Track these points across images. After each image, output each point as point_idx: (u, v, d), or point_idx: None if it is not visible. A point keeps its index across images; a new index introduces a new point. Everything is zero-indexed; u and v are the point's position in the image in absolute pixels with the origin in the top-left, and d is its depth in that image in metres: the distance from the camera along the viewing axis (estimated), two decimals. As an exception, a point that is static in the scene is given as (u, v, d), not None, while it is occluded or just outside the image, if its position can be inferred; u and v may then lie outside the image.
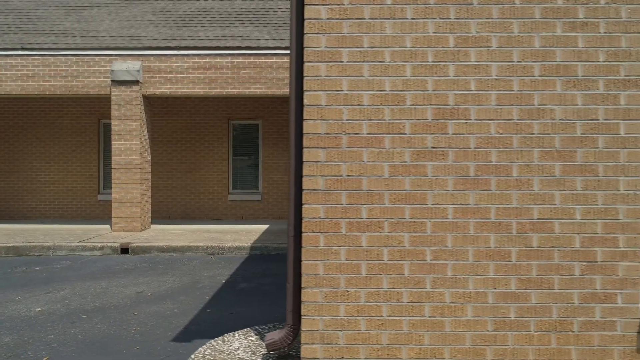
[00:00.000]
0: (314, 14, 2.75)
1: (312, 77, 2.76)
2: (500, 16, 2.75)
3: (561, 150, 2.76)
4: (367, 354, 2.78)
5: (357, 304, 2.78)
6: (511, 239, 2.77)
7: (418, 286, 2.77)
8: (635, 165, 2.76)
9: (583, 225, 2.76)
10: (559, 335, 2.78)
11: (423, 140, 2.76)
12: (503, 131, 2.76)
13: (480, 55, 2.75)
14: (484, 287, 2.77)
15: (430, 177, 2.76)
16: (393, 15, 2.75)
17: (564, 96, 2.75)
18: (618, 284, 2.77)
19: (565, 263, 2.77)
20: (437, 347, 2.78)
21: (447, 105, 2.76)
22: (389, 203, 2.77)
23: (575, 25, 2.75)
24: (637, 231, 2.76)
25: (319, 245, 2.77)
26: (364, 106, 2.76)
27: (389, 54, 2.76)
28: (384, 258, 2.77)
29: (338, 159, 2.76)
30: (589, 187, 2.76)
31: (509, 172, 2.76)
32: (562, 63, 2.75)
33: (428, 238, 2.77)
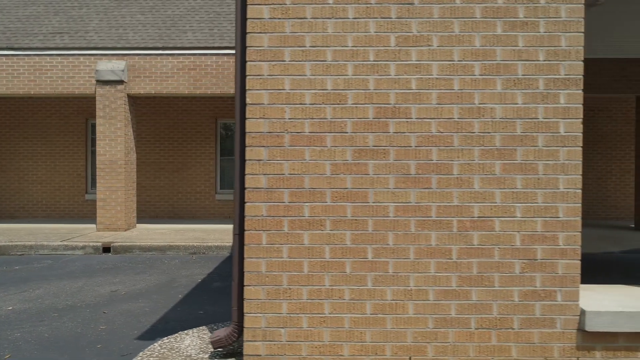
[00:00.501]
0: (256, 14, 2.77)
1: (255, 76, 2.78)
2: (441, 15, 2.77)
3: (502, 149, 2.78)
4: (309, 351, 2.80)
5: (299, 301, 2.80)
6: (452, 237, 2.79)
7: (359, 284, 2.80)
8: (574, 163, 2.77)
9: (523, 223, 2.78)
10: (500, 333, 2.80)
11: (364, 138, 2.78)
12: (444, 130, 2.78)
13: (421, 54, 2.77)
14: (424, 284, 2.79)
15: (371, 176, 2.78)
16: (335, 15, 2.77)
17: (505, 95, 2.77)
18: (558, 281, 2.79)
19: (505, 261, 2.79)
20: (378, 345, 2.80)
21: (388, 104, 2.78)
22: (331, 201, 2.79)
23: (516, 24, 2.77)
24: (577, 229, 2.78)
25: (262, 243, 2.79)
26: (306, 105, 2.78)
27: (331, 53, 2.78)
28: (325, 256, 2.79)
29: (280, 158, 2.79)
30: (529, 185, 2.78)
31: (450, 171, 2.78)
32: (502, 62, 2.77)
33: (369, 236, 2.79)
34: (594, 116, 11.77)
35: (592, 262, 7.19)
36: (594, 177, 11.78)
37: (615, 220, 11.66)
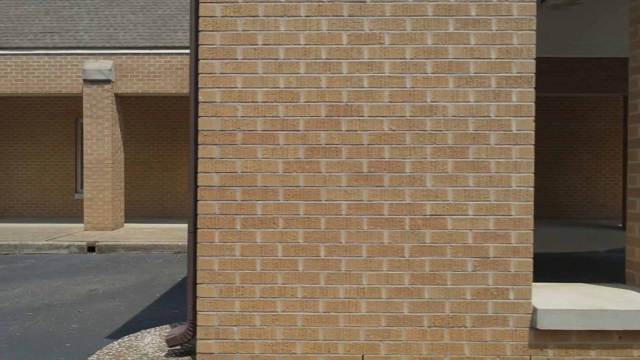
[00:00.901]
0: (208, 12, 2.77)
1: (207, 74, 2.78)
2: (393, 13, 2.77)
3: (454, 147, 2.78)
4: (262, 349, 2.80)
5: (252, 299, 2.80)
6: (404, 235, 2.79)
7: (312, 282, 2.79)
8: (526, 161, 2.77)
9: (475, 221, 2.78)
10: (452, 331, 2.80)
11: (317, 136, 2.78)
12: (396, 128, 2.78)
13: (374, 52, 2.77)
14: (377, 282, 2.79)
15: (324, 174, 2.78)
16: (287, 13, 2.77)
17: (457, 93, 2.77)
18: (510, 279, 2.79)
19: (458, 259, 2.78)
20: (331, 343, 2.80)
21: (340, 102, 2.78)
22: (284, 199, 2.79)
23: (467, 22, 2.76)
24: (529, 227, 2.78)
25: (214, 241, 2.79)
26: (258, 103, 2.78)
27: (283, 51, 2.78)
28: (278, 254, 2.79)
29: (233, 156, 2.79)
30: (481, 183, 2.78)
31: (402, 169, 2.78)
32: (454, 60, 2.77)
33: (322, 234, 2.79)
34: (584, 116, 11.76)
35: (577, 261, 7.18)
36: (584, 177, 11.77)
37: (605, 220, 11.65)
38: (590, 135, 11.76)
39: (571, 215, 11.76)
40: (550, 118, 11.72)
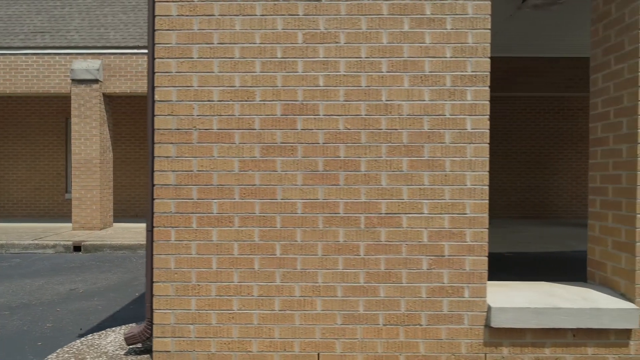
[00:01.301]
0: (164, 11, 2.78)
1: (163, 73, 2.79)
2: (348, 12, 2.77)
3: (409, 145, 2.78)
4: (218, 347, 2.81)
5: (208, 297, 2.81)
6: (360, 233, 2.79)
7: (268, 280, 2.80)
8: (481, 160, 2.78)
9: (431, 219, 2.79)
10: (407, 329, 2.80)
11: (272, 135, 2.79)
12: (351, 126, 2.78)
13: (329, 51, 2.78)
14: (333, 281, 2.80)
15: (279, 172, 2.79)
16: (242, 12, 2.78)
17: (412, 92, 2.78)
18: (465, 277, 2.79)
19: (413, 257, 2.79)
20: (287, 341, 2.81)
21: (296, 101, 2.78)
22: (239, 198, 2.80)
23: (423, 21, 2.77)
24: (484, 225, 2.78)
25: (170, 239, 2.80)
26: (214, 102, 2.79)
27: (239, 50, 2.78)
28: (234, 252, 2.80)
29: (189, 154, 2.79)
30: (436, 181, 2.78)
31: (357, 167, 2.78)
32: (409, 59, 2.78)
33: (278, 232, 2.80)
34: (573, 115, 11.76)
35: (558, 260, 7.18)
36: (573, 177, 11.77)
37: (594, 219, 11.63)
38: (580, 135, 11.76)
39: (561, 214, 11.76)
40: (540, 118, 11.72)
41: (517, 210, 11.71)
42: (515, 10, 5.20)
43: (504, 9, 5.21)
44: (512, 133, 11.70)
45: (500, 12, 5.92)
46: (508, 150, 11.70)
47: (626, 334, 2.78)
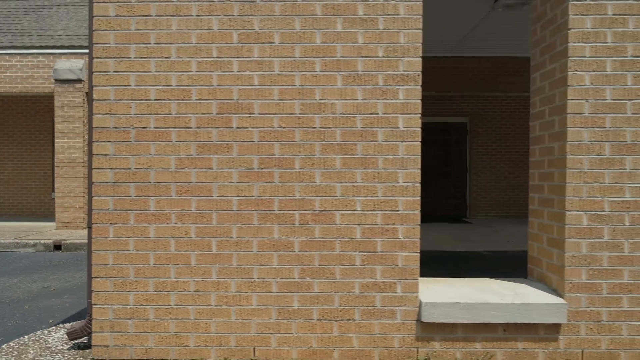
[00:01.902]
0: (102, 11, 2.83)
1: (101, 72, 2.84)
2: (283, 13, 2.82)
3: (342, 144, 2.83)
4: (155, 341, 2.86)
5: (146, 293, 2.86)
6: (294, 230, 2.84)
7: (204, 276, 2.85)
8: (413, 158, 2.83)
9: (364, 216, 2.84)
10: (341, 324, 2.85)
11: (208, 133, 2.84)
12: (285, 125, 2.83)
13: (263, 51, 2.83)
14: (268, 276, 2.85)
15: (215, 170, 2.84)
16: (179, 12, 2.83)
17: (345, 91, 2.83)
18: (398, 273, 2.84)
19: (346, 253, 2.84)
20: (223, 335, 2.86)
21: (231, 99, 2.83)
22: (176, 195, 2.85)
23: (355, 21, 2.82)
24: (416, 222, 2.83)
25: (109, 236, 2.85)
26: (151, 101, 2.84)
27: (175, 50, 2.83)
28: (171, 248, 2.85)
29: (126, 152, 2.84)
30: (369, 179, 2.83)
31: (292, 165, 2.83)
32: (342, 58, 2.83)
33: (214, 229, 2.85)
34: (557, 114, 11.78)
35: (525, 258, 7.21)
36: (557, 175, 11.79)
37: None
38: (564, 134, 11.78)
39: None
40: (524, 118, 11.76)
41: (500, 210, 11.75)
42: (489, 10, 5.24)
43: (479, 8, 5.26)
44: (496, 133, 11.75)
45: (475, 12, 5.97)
46: (492, 149, 11.74)
47: (555, 328, 2.83)
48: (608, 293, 2.82)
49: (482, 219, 11.41)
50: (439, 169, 12.02)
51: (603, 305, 2.83)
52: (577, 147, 2.80)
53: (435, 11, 5.65)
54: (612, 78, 2.79)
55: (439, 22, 6.32)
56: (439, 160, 11.97)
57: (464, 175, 12.02)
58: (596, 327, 2.83)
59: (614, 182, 2.80)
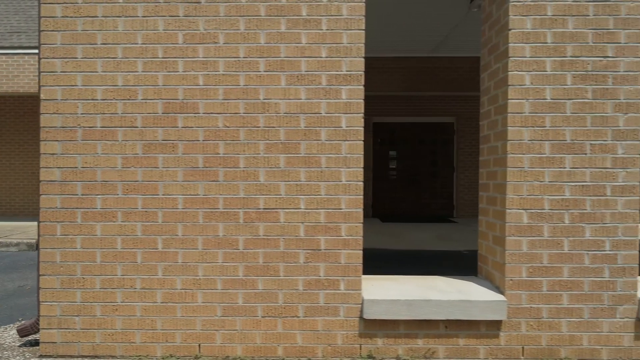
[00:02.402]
0: (49, 12, 2.87)
1: (48, 72, 2.87)
2: (227, 13, 2.86)
3: (286, 143, 2.87)
4: (102, 338, 2.90)
5: (93, 290, 2.90)
6: (239, 228, 2.88)
7: (150, 273, 2.89)
8: (356, 157, 2.86)
9: (307, 214, 2.87)
10: (285, 321, 2.89)
11: (154, 133, 2.88)
12: (230, 124, 2.87)
13: (208, 51, 2.87)
14: (213, 274, 2.89)
15: (161, 169, 2.88)
16: (125, 13, 2.87)
17: (288, 90, 2.86)
18: (341, 271, 2.88)
19: (290, 251, 2.88)
20: (169, 332, 2.89)
21: (176, 99, 2.87)
22: (122, 193, 2.88)
23: (299, 22, 2.85)
24: (359, 220, 2.87)
25: (56, 234, 2.89)
26: (97, 100, 2.87)
27: (121, 50, 2.87)
28: (117, 246, 2.89)
29: (73, 151, 2.88)
30: (312, 178, 2.87)
31: (236, 164, 2.87)
32: (286, 59, 2.86)
33: (159, 227, 2.88)
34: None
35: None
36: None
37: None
38: (550, 134, 11.81)
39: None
40: (510, 117, 11.78)
41: (487, 209, 11.77)
42: (467, 10, 5.28)
43: (458, 9, 5.29)
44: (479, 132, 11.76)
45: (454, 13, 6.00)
46: (476, 148, 11.77)
47: (496, 325, 2.87)
48: (548, 290, 2.86)
49: (468, 219, 11.44)
50: (427, 169, 12.05)
51: (543, 302, 2.86)
52: (518, 146, 2.84)
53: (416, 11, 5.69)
54: (552, 78, 2.83)
55: (418, 22, 6.36)
56: (426, 160, 12.00)
57: (451, 175, 12.05)
58: (536, 324, 2.87)
59: (554, 181, 2.84)
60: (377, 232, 9.11)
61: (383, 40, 7.57)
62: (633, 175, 2.83)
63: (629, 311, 2.85)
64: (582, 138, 2.83)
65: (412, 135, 11.95)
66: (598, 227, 2.84)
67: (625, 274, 2.85)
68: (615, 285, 2.85)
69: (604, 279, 2.85)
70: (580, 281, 2.85)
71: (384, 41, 7.66)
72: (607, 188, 2.83)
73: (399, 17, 6.17)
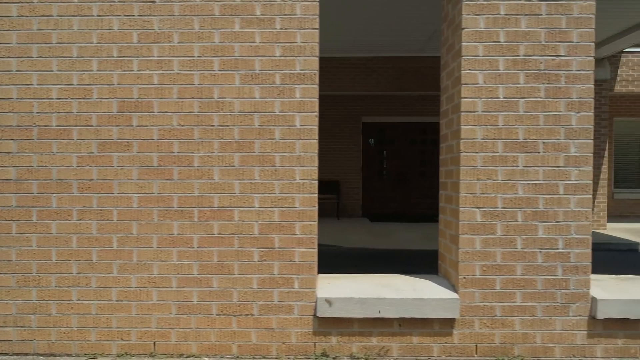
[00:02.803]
0: (4, 12, 2.88)
1: (4, 71, 2.89)
2: (182, 13, 2.87)
3: (240, 141, 2.88)
4: (58, 336, 2.91)
5: (48, 288, 2.91)
6: (193, 226, 2.89)
7: (105, 271, 2.90)
8: (310, 155, 2.87)
9: (261, 213, 2.88)
10: (240, 319, 2.90)
11: (109, 132, 2.89)
12: (184, 123, 2.88)
13: (163, 50, 2.88)
14: (167, 272, 2.90)
15: (116, 167, 2.89)
16: (80, 13, 2.88)
17: (243, 89, 2.87)
18: (295, 269, 2.89)
19: (244, 249, 2.89)
20: (124, 330, 2.90)
21: (131, 98, 2.88)
22: (78, 192, 2.89)
23: (253, 21, 2.87)
24: (313, 219, 2.88)
25: (12, 232, 2.90)
26: (53, 99, 2.88)
27: (77, 50, 2.88)
28: (73, 244, 2.90)
29: (29, 150, 2.89)
30: (266, 176, 2.88)
31: (191, 162, 2.88)
32: (240, 58, 2.87)
33: (114, 225, 2.89)
34: (532, 114, 11.83)
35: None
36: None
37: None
38: (539, 134, 11.82)
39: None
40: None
41: (475, 209, 11.78)
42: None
43: (439, 8, 5.30)
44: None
45: (437, 13, 6.01)
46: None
47: (450, 323, 2.88)
48: (501, 288, 2.87)
49: (457, 219, 11.45)
50: (416, 168, 12.06)
51: (497, 300, 2.87)
52: (471, 144, 2.85)
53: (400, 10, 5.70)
54: (505, 77, 2.84)
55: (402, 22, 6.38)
56: (416, 160, 12.01)
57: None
58: (490, 322, 2.88)
59: (507, 179, 2.85)
60: (365, 232, 9.13)
61: (370, 39, 7.59)
62: (586, 173, 2.84)
63: (581, 309, 2.86)
64: (535, 137, 2.84)
65: (401, 135, 11.97)
66: (551, 225, 2.85)
67: (578, 272, 2.86)
68: (569, 283, 2.86)
69: (557, 277, 2.86)
70: (533, 279, 2.86)
71: (370, 40, 7.68)
72: (560, 186, 2.84)
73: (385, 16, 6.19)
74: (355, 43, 7.98)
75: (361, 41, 7.82)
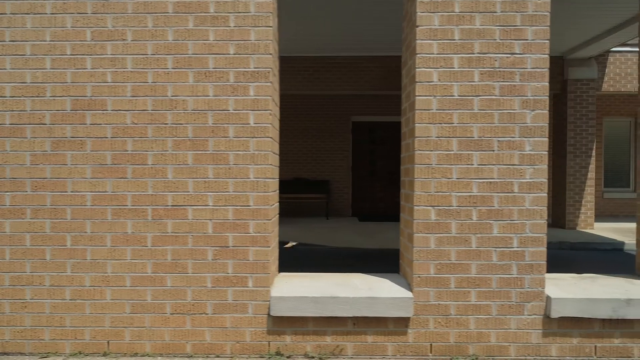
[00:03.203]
0: (-42, 10, 2.87)
1: (-43, 69, 2.88)
2: (135, 10, 2.86)
3: (194, 140, 2.87)
4: (12, 335, 2.90)
5: (2, 287, 2.89)
6: (147, 225, 2.88)
7: (59, 270, 2.89)
8: (264, 153, 2.86)
9: (215, 211, 2.87)
10: (194, 318, 2.89)
11: (62, 130, 2.88)
12: (138, 121, 2.87)
13: (116, 48, 2.87)
14: (121, 271, 2.88)
15: (69, 166, 2.88)
16: (33, 10, 2.87)
17: (196, 87, 2.86)
18: (249, 267, 2.87)
19: (198, 248, 2.88)
20: (78, 329, 2.89)
21: (85, 96, 2.87)
22: (31, 190, 2.88)
23: (207, 19, 2.85)
24: (267, 217, 2.87)
25: (-35, 231, 2.89)
26: (6, 98, 2.87)
27: (30, 48, 2.87)
28: (26, 243, 2.88)
29: (-18, 149, 2.88)
30: (220, 175, 2.86)
31: (145, 161, 2.87)
32: (194, 55, 2.86)
33: (68, 224, 2.88)
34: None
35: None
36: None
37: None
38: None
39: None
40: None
41: (465, 208, 11.76)
42: None
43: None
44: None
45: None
46: (457, 148, 11.76)
47: (404, 322, 2.86)
48: (456, 287, 2.86)
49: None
50: (406, 168, 12.04)
51: (451, 299, 2.86)
52: (425, 142, 2.84)
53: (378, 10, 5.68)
54: (460, 75, 2.83)
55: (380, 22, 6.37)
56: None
57: (430, 175, 12.00)
58: (444, 321, 2.86)
59: (462, 178, 2.84)
60: (353, 231, 9.11)
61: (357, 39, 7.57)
62: (540, 172, 2.83)
63: (536, 308, 2.85)
64: (490, 135, 2.83)
65: (391, 135, 11.95)
66: (506, 223, 2.84)
67: (533, 271, 2.84)
68: (523, 282, 2.85)
69: (512, 275, 2.85)
70: (488, 278, 2.85)
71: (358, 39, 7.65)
72: (515, 185, 2.83)
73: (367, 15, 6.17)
74: (343, 42, 7.96)
75: (348, 40, 7.79)
